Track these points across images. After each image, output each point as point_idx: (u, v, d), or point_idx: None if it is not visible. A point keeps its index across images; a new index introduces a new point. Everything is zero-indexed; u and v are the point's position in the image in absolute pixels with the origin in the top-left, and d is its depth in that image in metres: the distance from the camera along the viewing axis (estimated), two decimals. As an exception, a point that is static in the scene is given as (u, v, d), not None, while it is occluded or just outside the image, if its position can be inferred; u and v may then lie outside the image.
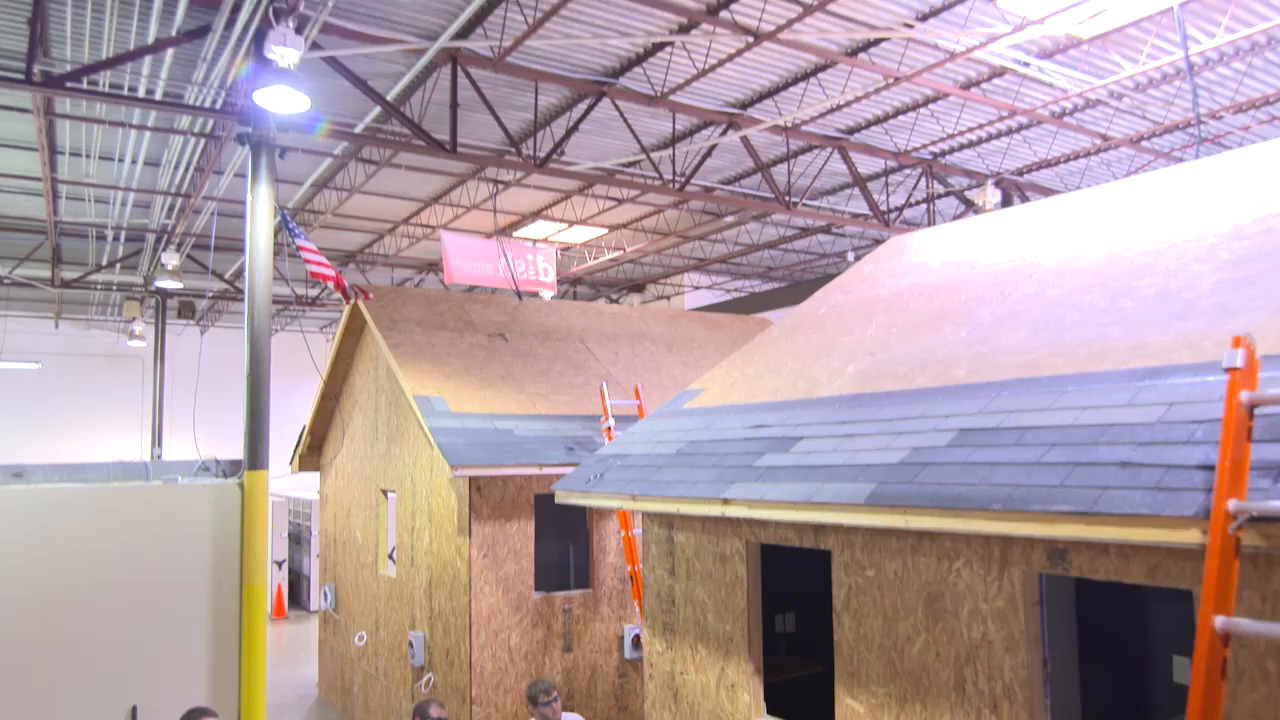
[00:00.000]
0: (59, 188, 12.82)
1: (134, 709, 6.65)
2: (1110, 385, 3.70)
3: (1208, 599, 2.52)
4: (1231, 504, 2.56)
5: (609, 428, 8.27)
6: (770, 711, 4.97)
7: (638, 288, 21.60)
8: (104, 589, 6.63)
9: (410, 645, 9.14)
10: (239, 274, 17.70)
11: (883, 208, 14.11)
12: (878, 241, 16.65)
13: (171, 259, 14.90)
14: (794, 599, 7.22)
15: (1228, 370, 2.83)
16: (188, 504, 6.94)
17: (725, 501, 4.46)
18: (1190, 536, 2.76)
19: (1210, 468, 2.88)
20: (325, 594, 12.18)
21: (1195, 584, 3.08)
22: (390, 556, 10.48)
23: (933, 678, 3.94)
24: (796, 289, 17.46)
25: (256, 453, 7.01)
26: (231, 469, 7.23)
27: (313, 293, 19.25)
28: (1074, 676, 4.41)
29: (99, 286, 18.25)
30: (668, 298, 21.89)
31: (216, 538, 6.99)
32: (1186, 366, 3.56)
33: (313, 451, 12.58)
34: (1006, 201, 12.54)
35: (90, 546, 6.60)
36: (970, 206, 13.46)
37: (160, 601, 6.81)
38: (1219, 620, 2.48)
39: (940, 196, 13.78)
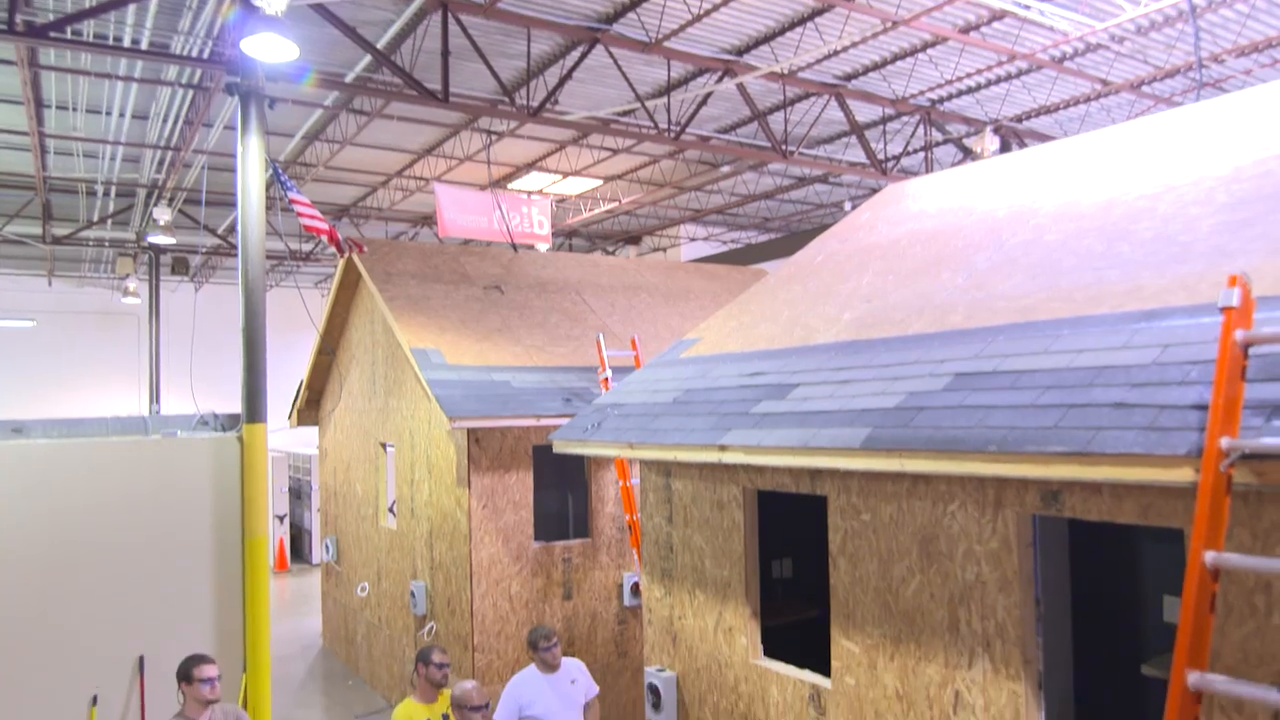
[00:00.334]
0: (47, 142, 12.67)
1: (141, 659, 6.75)
2: (1106, 328, 3.71)
3: (1199, 535, 2.55)
4: (1224, 442, 2.58)
5: (606, 379, 8.28)
6: (767, 654, 5.05)
7: (634, 240, 21.49)
8: (106, 543, 6.69)
9: (412, 595, 9.26)
10: (232, 229, 17.58)
11: (880, 156, 13.99)
12: (875, 191, 16.54)
13: (163, 214, 14.78)
14: (790, 546, 7.31)
15: (1223, 310, 2.83)
16: (187, 457, 6.97)
17: (722, 448, 4.49)
18: (1183, 475, 2.79)
19: (1204, 407, 2.90)
20: (327, 547, 12.30)
21: (1187, 523, 3.12)
22: (390, 510, 10.57)
23: (927, 618, 4.01)
24: (793, 240, 17.38)
25: (254, 406, 7.02)
26: (230, 423, 7.25)
27: (307, 247, 19.14)
28: (1066, 616, 4.49)
29: (91, 243, 18.12)
30: (664, 250, 21.80)
31: (217, 491, 7.03)
32: (1183, 309, 3.57)
33: (311, 406, 12.62)
34: (1005, 148, 12.43)
35: (91, 501, 6.64)
36: (968, 154, 13.35)
37: (163, 555, 6.88)
38: (1209, 556, 2.52)
39: (938, 144, 13.66)
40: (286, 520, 18.95)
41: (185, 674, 5.30)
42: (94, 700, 6.61)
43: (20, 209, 15.74)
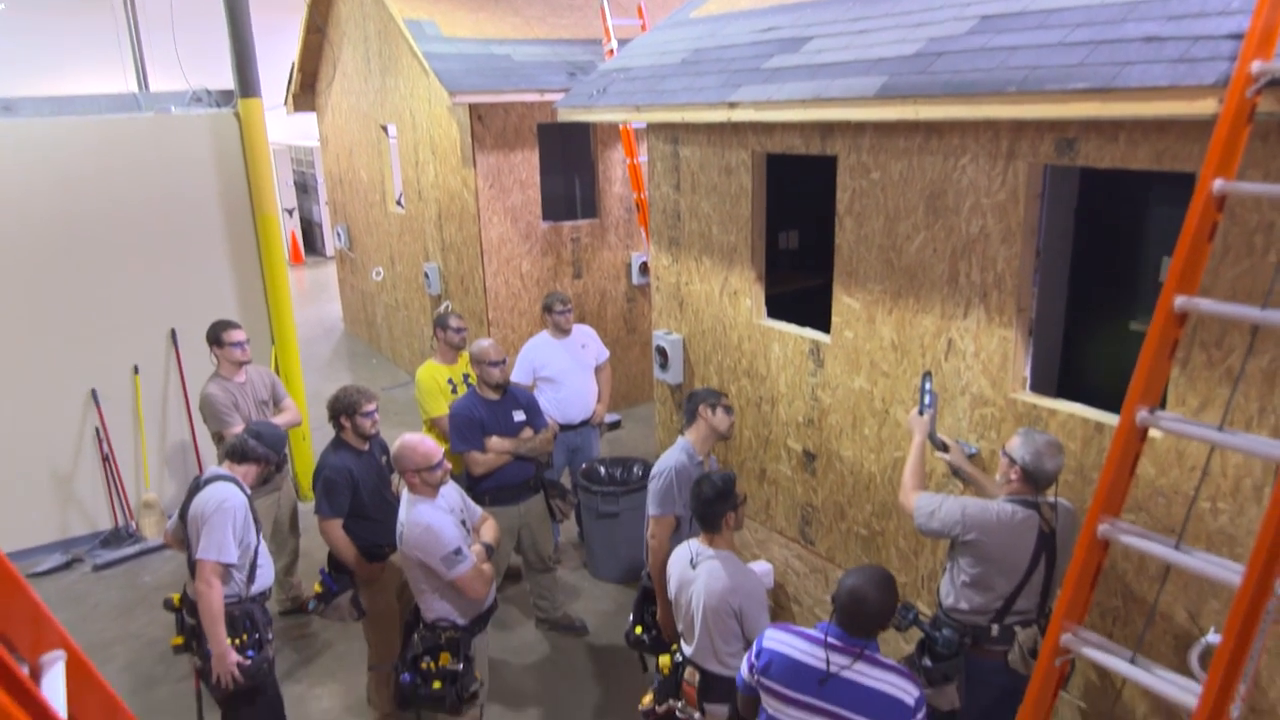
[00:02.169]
0: None
1: (173, 331, 7.09)
2: (1149, -40, 3.43)
3: (1210, 163, 2.52)
4: (1255, 65, 2.47)
5: (611, 50, 7.89)
6: (770, 318, 5.25)
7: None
8: (119, 222, 6.77)
9: (426, 276, 9.51)
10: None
11: None
12: None
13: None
14: (797, 219, 7.36)
15: (1281, -77, 2.58)
16: (186, 134, 6.85)
17: (731, 105, 4.36)
18: (1206, 107, 2.70)
19: (1240, 36, 2.75)
20: (338, 234, 12.46)
21: (1200, 165, 3.08)
22: (398, 203, 10.55)
23: (928, 272, 4.10)
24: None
25: (246, 80, 6.76)
26: (224, 99, 7.03)
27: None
28: (1064, 269, 4.59)
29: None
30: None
31: (220, 168, 6.98)
32: (1236, -65, 3.27)
33: (306, 91, 12.18)
34: None
35: (96, 180, 6.62)
36: None
37: (177, 234, 6.98)
38: (1217, 183, 2.51)
39: None
40: (295, 214, 19.05)
41: (215, 338, 5.59)
42: (135, 369, 7.04)
43: None
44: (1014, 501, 3.36)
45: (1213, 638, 2.42)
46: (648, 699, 3.84)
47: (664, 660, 3.76)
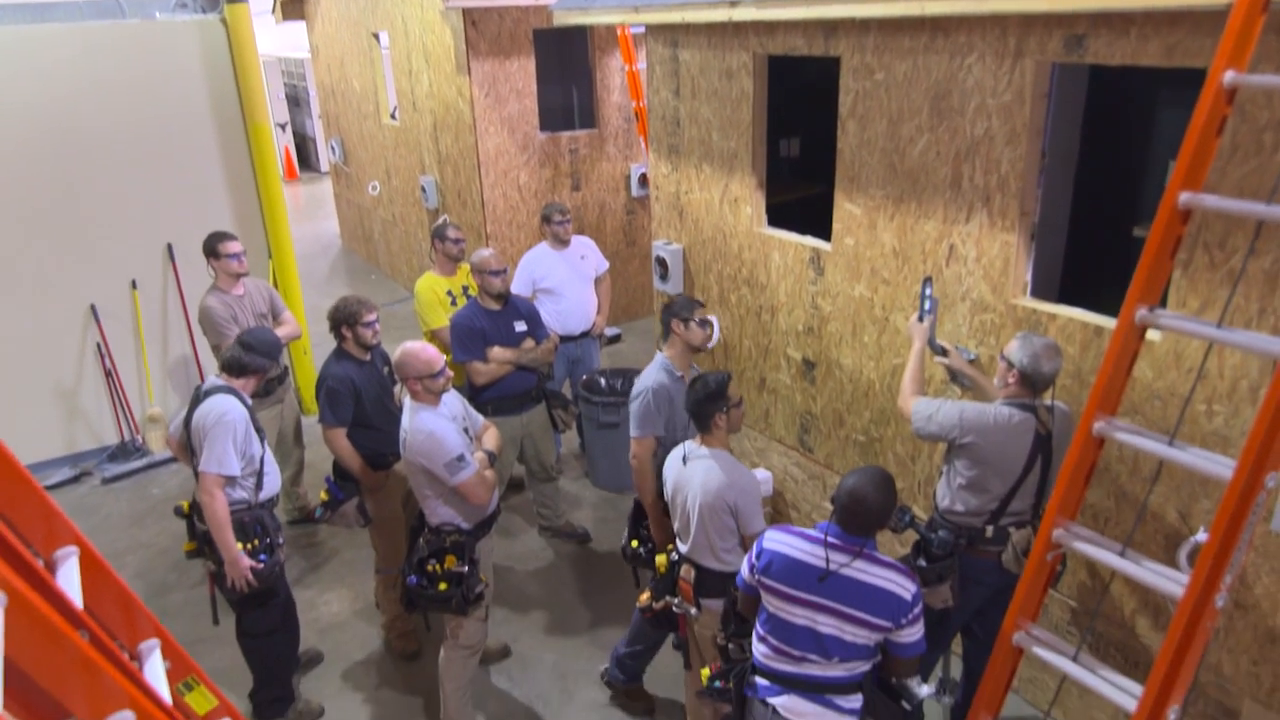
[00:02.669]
0: None
1: (169, 245, 7.04)
2: None
3: (1222, 54, 2.46)
4: (1274, -50, 2.38)
5: (608, -49, 7.62)
6: (771, 227, 5.20)
7: None
8: (108, 135, 6.64)
9: (423, 190, 9.40)
10: None
11: None
12: None
13: None
14: (799, 127, 7.23)
15: None
16: (171, 41, 6.67)
17: (732, 3, 4.24)
18: (1221, -5, 2.62)
19: (1260, -79, 2.64)
20: (333, 148, 12.27)
21: (1211, 60, 3.00)
22: (392, 116, 10.35)
23: (930, 176, 4.05)
24: None
25: (231, -18, 6.56)
26: (210, 4, 6.82)
27: None
28: (1069, 173, 4.53)
29: None
30: None
31: (209, 76, 6.83)
32: None
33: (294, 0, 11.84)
34: None
35: (81, 90, 6.47)
36: None
37: (168, 146, 6.86)
38: (1228, 75, 2.45)
39: None
40: (289, 128, 18.72)
41: (212, 249, 5.55)
42: (133, 284, 7.01)
43: None
44: (1011, 405, 3.38)
45: (1202, 536, 2.47)
46: (645, 596, 3.93)
47: (660, 560, 3.83)
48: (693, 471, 3.56)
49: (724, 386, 3.59)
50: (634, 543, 4.25)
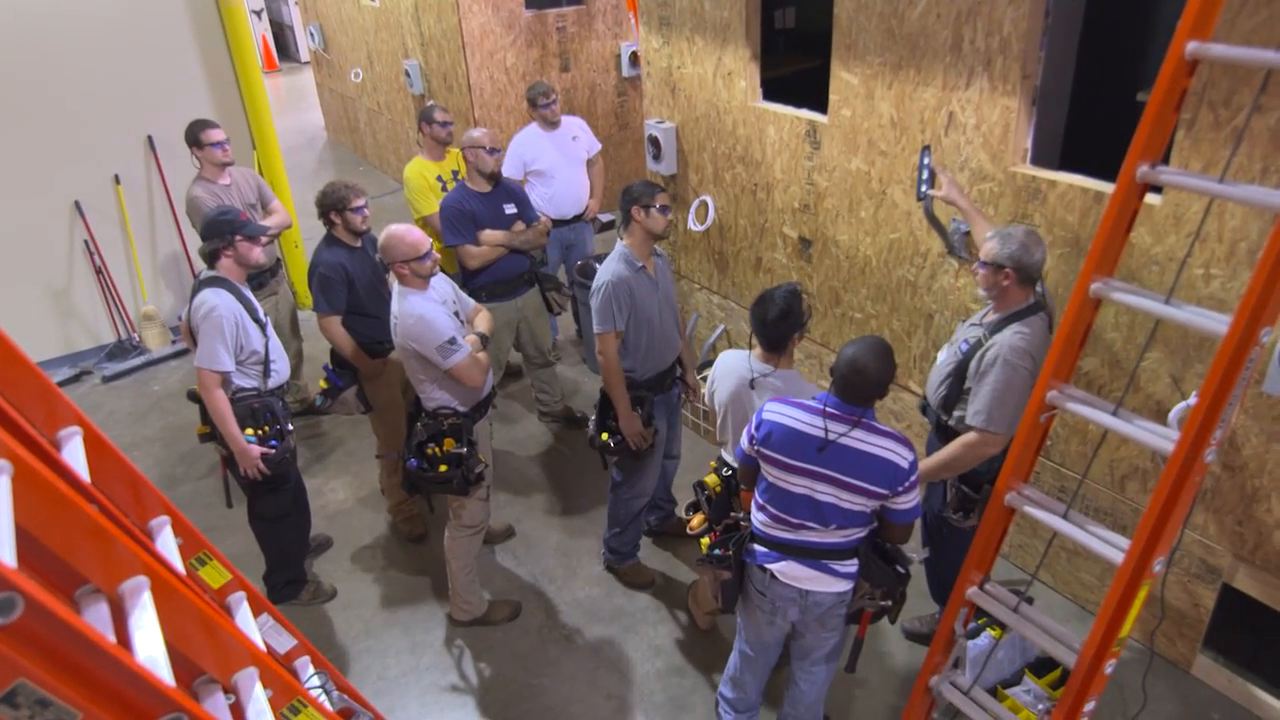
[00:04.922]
0: None
1: (150, 137, 6.87)
2: None
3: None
4: None
5: None
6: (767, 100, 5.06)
7: None
8: (78, 21, 6.38)
9: (407, 75, 9.11)
10: None
11: None
12: None
13: None
14: (794, -2, 6.96)
15: None
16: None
17: None
18: None
19: None
20: (311, 34, 11.84)
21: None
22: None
23: (930, 40, 3.91)
24: None
25: None
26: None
27: None
28: (1074, 35, 4.39)
29: None
30: None
31: (177, -45, 6.52)
32: None
33: None
34: None
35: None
36: None
37: (139, 31, 6.61)
38: (1245, -86, 2.33)
39: None
40: (264, 15, 18.03)
41: (194, 139, 5.42)
42: (116, 179, 6.87)
43: None
44: (1021, 319, 3.23)
45: (1194, 400, 2.49)
46: (697, 520, 3.73)
47: (712, 480, 3.72)
48: (758, 392, 3.45)
49: (797, 301, 3.35)
50: (603, 435, 4.19)
